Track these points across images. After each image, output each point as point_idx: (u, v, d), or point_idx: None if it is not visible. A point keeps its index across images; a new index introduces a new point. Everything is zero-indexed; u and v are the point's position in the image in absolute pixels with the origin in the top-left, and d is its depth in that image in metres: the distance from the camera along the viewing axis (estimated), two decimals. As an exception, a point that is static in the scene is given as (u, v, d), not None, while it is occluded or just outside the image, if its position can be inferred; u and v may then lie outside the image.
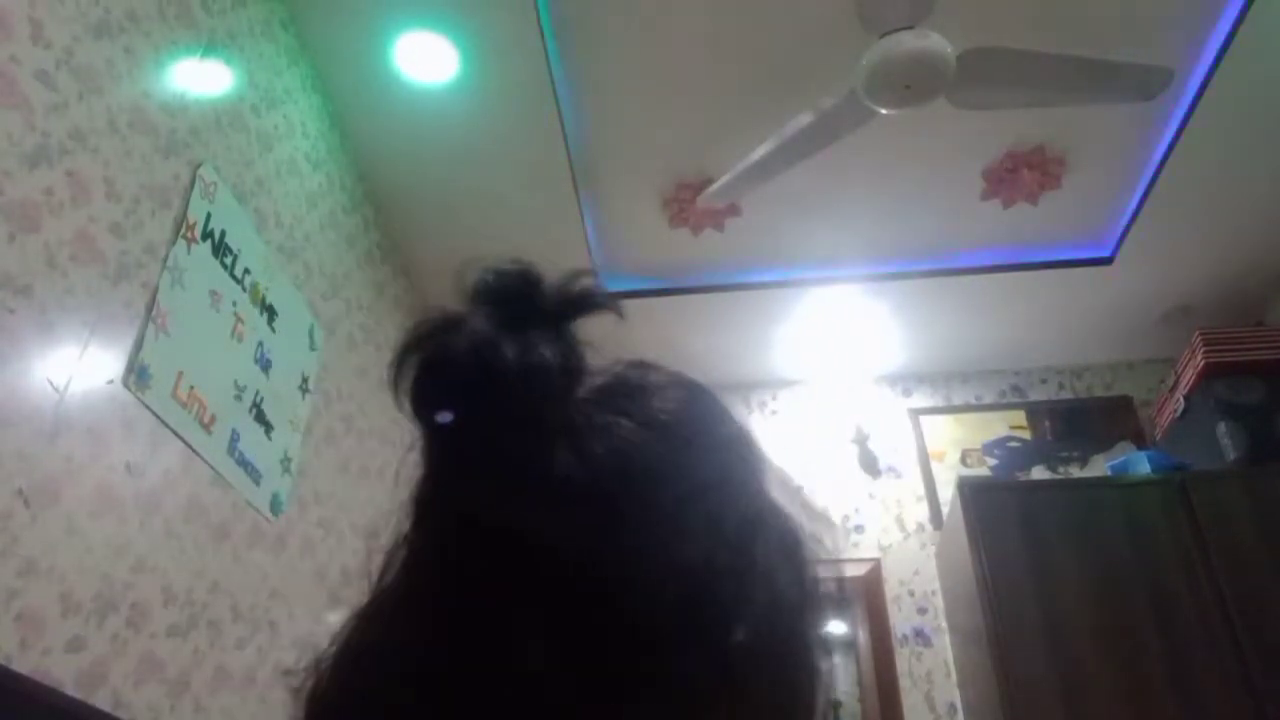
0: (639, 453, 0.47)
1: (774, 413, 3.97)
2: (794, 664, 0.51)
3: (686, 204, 3.03)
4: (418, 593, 0.48)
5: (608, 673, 0.43)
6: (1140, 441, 3.63)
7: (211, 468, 1.90)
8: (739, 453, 0.53)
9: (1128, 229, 3.14)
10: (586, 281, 0.51)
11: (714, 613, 0.46)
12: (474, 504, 0.46)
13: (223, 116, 2.09)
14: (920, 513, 3.66)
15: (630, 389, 0.52)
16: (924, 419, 3.86)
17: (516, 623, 0.44)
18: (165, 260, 1.79)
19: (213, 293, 1.96)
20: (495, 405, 0.46)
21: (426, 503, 0.49)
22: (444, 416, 0.47)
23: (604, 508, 0.45)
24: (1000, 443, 3.76)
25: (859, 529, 3.65)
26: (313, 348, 2.45)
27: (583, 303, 0.51)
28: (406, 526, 0.50)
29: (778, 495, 0.55)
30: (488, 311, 0.49)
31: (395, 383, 0.48)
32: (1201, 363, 3.18)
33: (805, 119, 2.34)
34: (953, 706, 3.24)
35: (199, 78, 2.00)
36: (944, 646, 3.37)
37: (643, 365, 0.54)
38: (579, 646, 0.43)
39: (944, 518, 3.52)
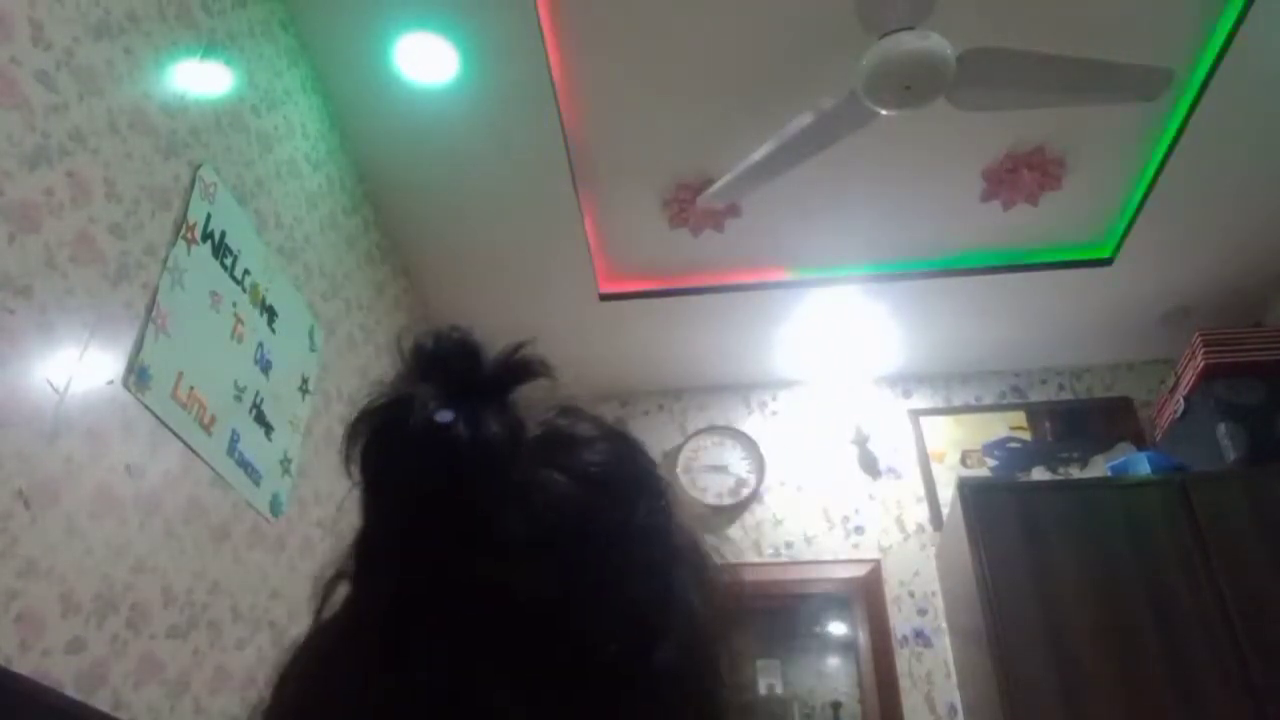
0: (576, 506, 0.52)
1: (774, 413, 3.97)
2: (711, 677, 0.56)
3: (686, 204, 3.03)
4: (364, 630, 0.52)
5: (554, 692, 0.48)
6: (1140, 442, 3.63)
7: (211, 468, 1.90)
8: (655, 493, 0.58)
9: (1128, 230, 3.14)
10: (524, 352, 0.55)
11: (643, 640, 0.51)
12: (426, 559, 0.50)
13: (223, 117, 2.09)
14: (920, 513, 3.66)
15: (562, 442, 0.56)
16: (924, 420, 3.86)
17: (478, 663, 0.48)
18: (165, 261, 1.79)
19: (213, 293, 1.96)
20: (449, 477, 0.50)
21: (374, 554, 0.54)
22: (412, 475, 0.51)
23: (547, 557, 0.50)
24: (1000, 443, 3.76)
25: (859, 530, 3.65)
26: (313, 348, 2.45)
27: (522, 372, 0.55)
28: (350, 568, 0.54)
29: (686, 526, 0.60)
30: (434, 387, 0.52)
31: (347, 454, 0.52)
32: (1201, 363, 3.18)
33: (805, 119, 2.34)
34: (953, 707, 3.24)
35: (199, 78, 2.00)
36: (944, 647, 3.37)
37: (570, 413, 0.58)
38: (533, 683, 0.48)
39: (944, 518, 3.52)
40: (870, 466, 3.79)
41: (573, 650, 0.49)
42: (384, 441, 0.51)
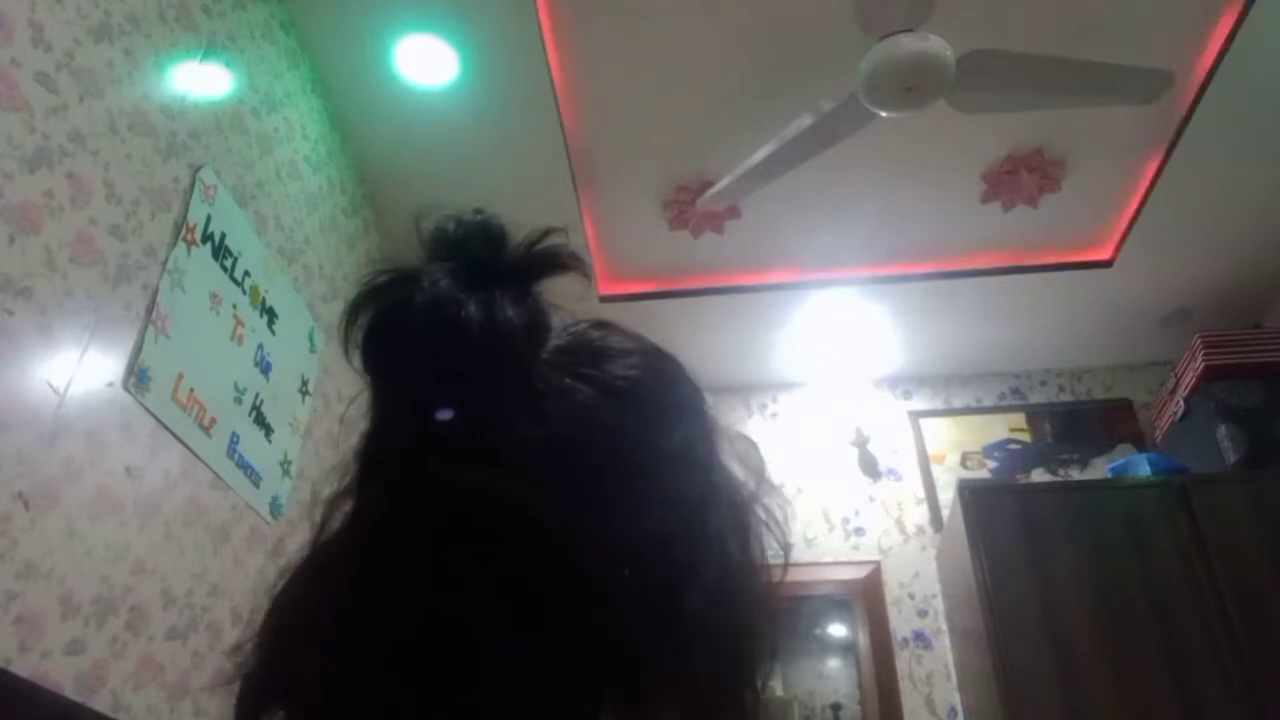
0: (598, 420, 0.47)
1: (774, 415, 3.97)
2: (742, 633, 0.51)
3: (686, 206, 3.03)
4: (366, 546, 0.47)
5: (556, 632, 0.43)
6: (1140, 444, 3.63)
7: (211, 470, 1.90)
8: (695, 422, 0.53)
9: (1127, 232, 3.14)
10: (553, 240, 0.50)
11: (665, 578, 0.46)
12: (429, 462, 0.45)
13: (223, 119, 2.09)
14: (920, 515, 3.66)
15: (592, 352, 0.51)
16: (924, 421, 3.86)
17: (468, 578, 0.43)
18: (165, 263, 1.79)
19: (213, 295, 1.96)
20: (456, 365, 0.44)
21: (375, 457, 0.48)
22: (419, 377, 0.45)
23: (563, 473, 0.44)
24: (1000, 445, 3.76)
25: (859, 531, 3.65)
26: (313, 350, 2.45)
27: (548, 263, 0.50)
28: (349, 480, 0.49)
29: (731, 462, 0.55)
30: (450, 267, 0.46)
31: (346, 335, 0.46)
32: (1201, 365, 3.18)
33: (805, 121, 2.35)
34: (953, 709, 3.24)
35: (199, 80, 2.00)
36: (944, 649, 3.37)
37: (604, 326, 0.54)
38: (529, 603, 0.43)
39: (944, 520, 3.52)
40: (870, 468, 3.79)
41: (574, 577, 0.44)
42: (387, 322, 0.46)
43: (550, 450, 0.45)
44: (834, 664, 4.08)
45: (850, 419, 3.86)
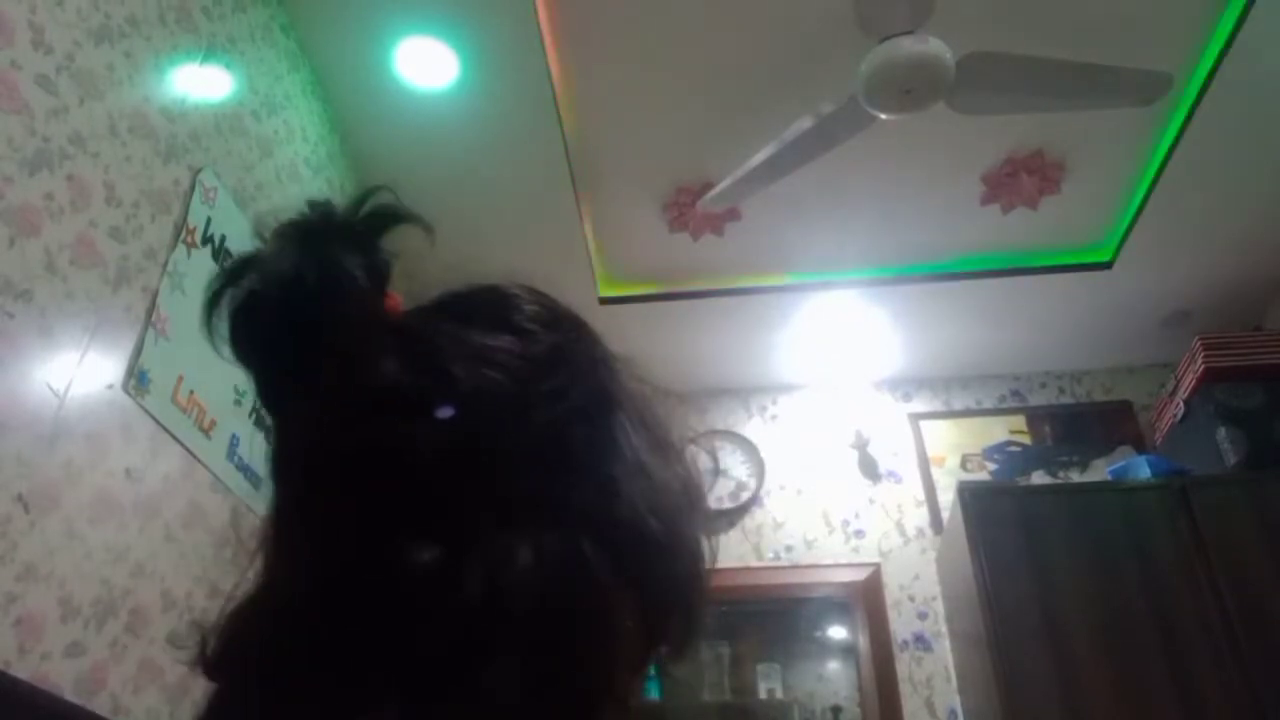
0: (458, 344, 0.48)
1: (774, 417, 3.97)
2: (680, 546, 0.51)
3: (686, 208, 3.03)
4: (290, 541, 0.48)
5: (477, 549, 0.43)
6: (1140, 446, 3.63)
7: (211, 473, 1.90)
8: (568, 331, 0.54)
9: (1127, 234, 3.14)
10: (382, 197, 0.52)
11: (587, 488, 0.47)
12: (313, 434, 0.46)
13: (223, 121, 2.09)
14: (920, 517, 3.66)
15: (452, 296, 0.53)
16: (924, 424, 3.86)
17: (382, 532, 0.44)
18: (165, 265, 1.79)
19: (213, 297, 1.95)
20: (309, 331, 0.46)
21: (278, 455, 0.49)
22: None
23: (434, 397, 0.45)
24: (1000, 447, 3.76)
25: (859, 534, 3.65)
26: (312, 352, 2.45)
27: (381, 219, 0.52)
28: (273, 496, 0.50)
29: (634, 387, 0.56)
30: (285, 244, 0.48)
31: (209, 330, 0.48)
32: (1201, 367, 3.18)
33: (805, 124, 2.35)
34: (953, 712, 3.24)
35: (199, 82, 2.00)
36: (944, 651, 3.36)
37: (480, 284, 0.55)
38: (444, 531, 0.43)
39: (944, 522, 3.52)
40: (870, 470, 3.79)
41: (486, 493, 0.45)
42: (239, 308, 0.48)
43: (419, 382, 0.45)
44: (834, 666, 4.07)
45: (850, 421, 3.86)
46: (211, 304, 0.48)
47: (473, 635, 0.43)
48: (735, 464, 3.83)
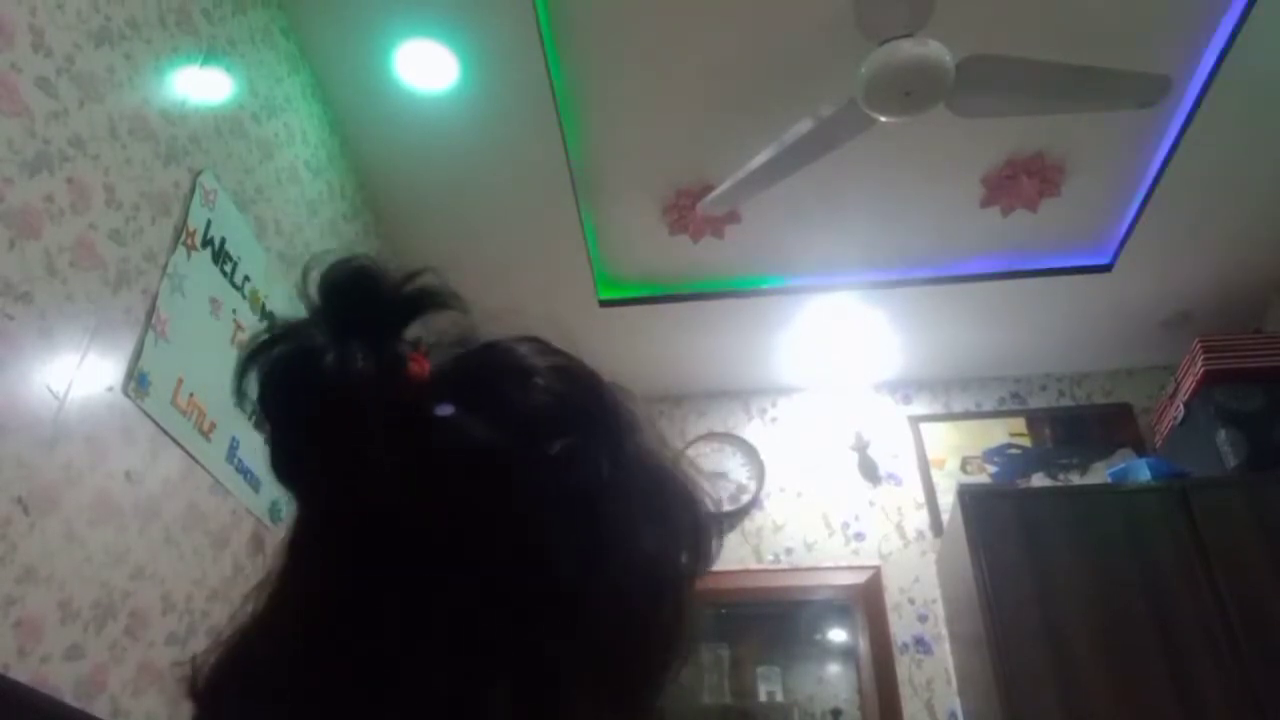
0: (461, 437, 0.51)
1: (774, 420, 3.97)
2: (651, 629, 0.55)
3: (686, 211, 3.03)
4: (288, 581, 0.54)
5: (458, 631, 0.48)
6: (1140, 449, 3.63)
7: (211, 475, 1.90)
8: (587, 431, 0.55)
9: (1127, 236, 3.14)
10: (425, 280, 0.54)
11: (561, 576, 0.51)
12: (315, 491, 0.52)
13: (223, 124, 2.09)
14: (920, 520, 3.66)
15: (462, 374, 0.55)
16: (924, 426, 3.86)
17: (373, 595, 0.49)
18: (165, 267, 1.79)
19: (213, 300, 1.96)
20: (318, 405, 0.50)
21: (297, 525, 0.55)
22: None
23: (429, 484, 0.49)
24: (1000, 450, 3.76)
25: (859, 536, 3.65)
26: (312, 355, 2.45)
27: (421, 302, 0.54)
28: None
29: (651, 448, 0.59)
30: (320, 316, 0.52)
31: (239, 395, 0.52)
32: (1201, 370, 3.17)
33: (805, 126, 2.35)
34: (953, 714, 3.24)
35: (199, 85, 2.00)
36: (944, 654, 3.36)
37: (495, 346, 0.58)
38: (426, 610, 0.48)
39: (944, 525, 3.52)
40: (870, 473, 3.79)
41: (457, 571, 0.49)
42: (266, 381, 0.51)
43: (419, 468, 0.50)
44: (834, 669, 4.07)
45: (850, 423, 3.86)
46: (243, 370, 0.52)
47: (459, 699, 0.47)
48: (735, 466, 3.83)
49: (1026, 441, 3.78)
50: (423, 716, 0.47)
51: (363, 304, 0.52)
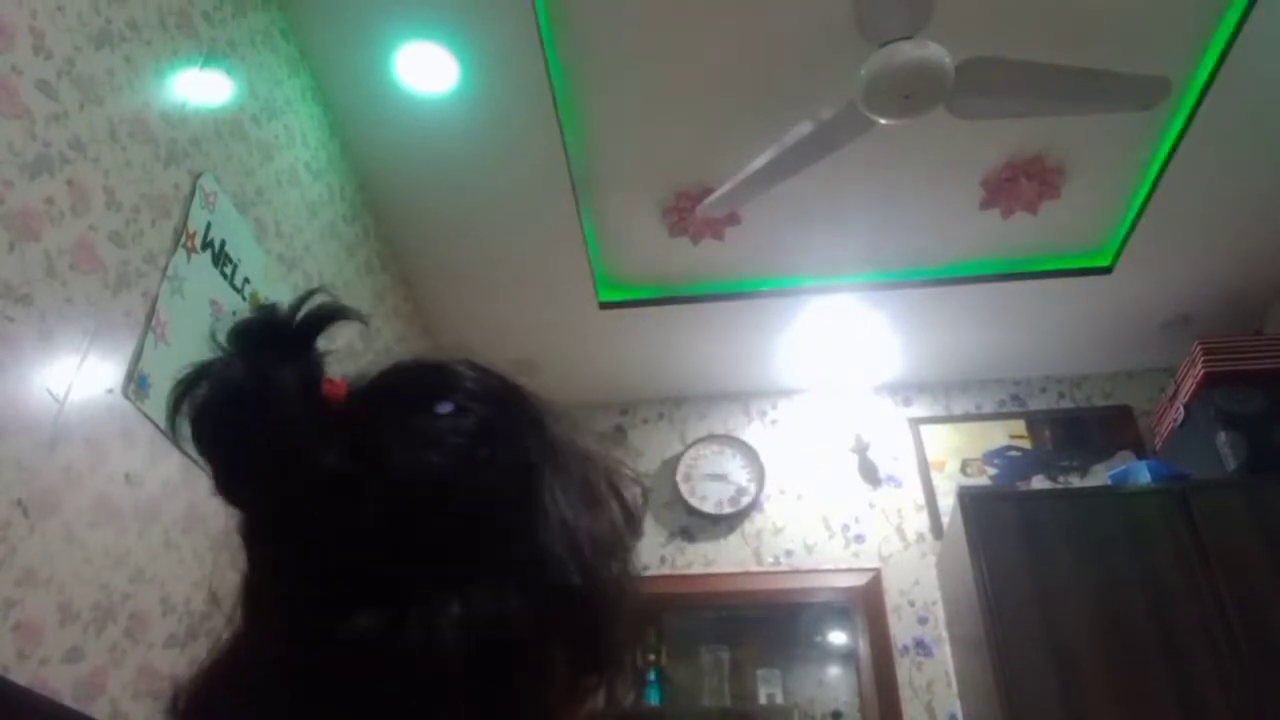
0: (380, 427, 0.54)
1: (774, 422, 3.97)
2: (602, 595, 0.57)
3: (686, 213, 3.03)
4: (255, 610, 0.57)
5: (414, 611, 0.50)
6: (1140, 451, 3.63)
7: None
8: (517, 413, 0.59)
9: (1127, 238, 3.14)
10: (317, 300, 0.58)
11: (513, 548, 0.53)
12: (269, 518, 0.54)
13: (223, 126, 2.09)
14: (920, 522, 3.66)
15: (396, 378, 0.59)
16: (924, 428, 3.86)
17: (328, 602, 0.50)
18: (165, 269, 1.79)
19: (213, 302, 1.96)
20: (250, 432, 0.52)
21: (243, 535, 0.57)
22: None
23: (384, 489, 0.52)
24: (1000, 452, 3.76)
25: (859, 539, 3.65)
26: (312, 357, 2.45)
27: (317, 321, 0.57)
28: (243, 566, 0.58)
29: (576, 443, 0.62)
30: (232, 352, 0.55)
31: (173, 429, 0.54)
32: (1201, 372, 3.17)
33: (805, 128, 2.35)
34: (954, 717, 3.23)
35: (199, 87, 2.00)
36: (945, 656, 3.36)
37: (408, 362, 0.61)
38: (384, 598, 0.50)
39: (944, 527, 3.52)
40: (870, 475, 3.78)
41: (420, 560, 0.51)
42: (194, 413, 0.54)
43: (351, 466, 0.52)
44: (834, 671, 4.07)
45: (850, 425, 3.86)
46: (174, 410, 0.54)
47: (420, 687, 0.49)
48: (735, 469, 3.82)
49: (1026, 444, 3.78)
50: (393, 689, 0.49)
51: (265, 332, 0.55)
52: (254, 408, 0.52)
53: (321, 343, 0.57)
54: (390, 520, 0.51)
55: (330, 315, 0.58)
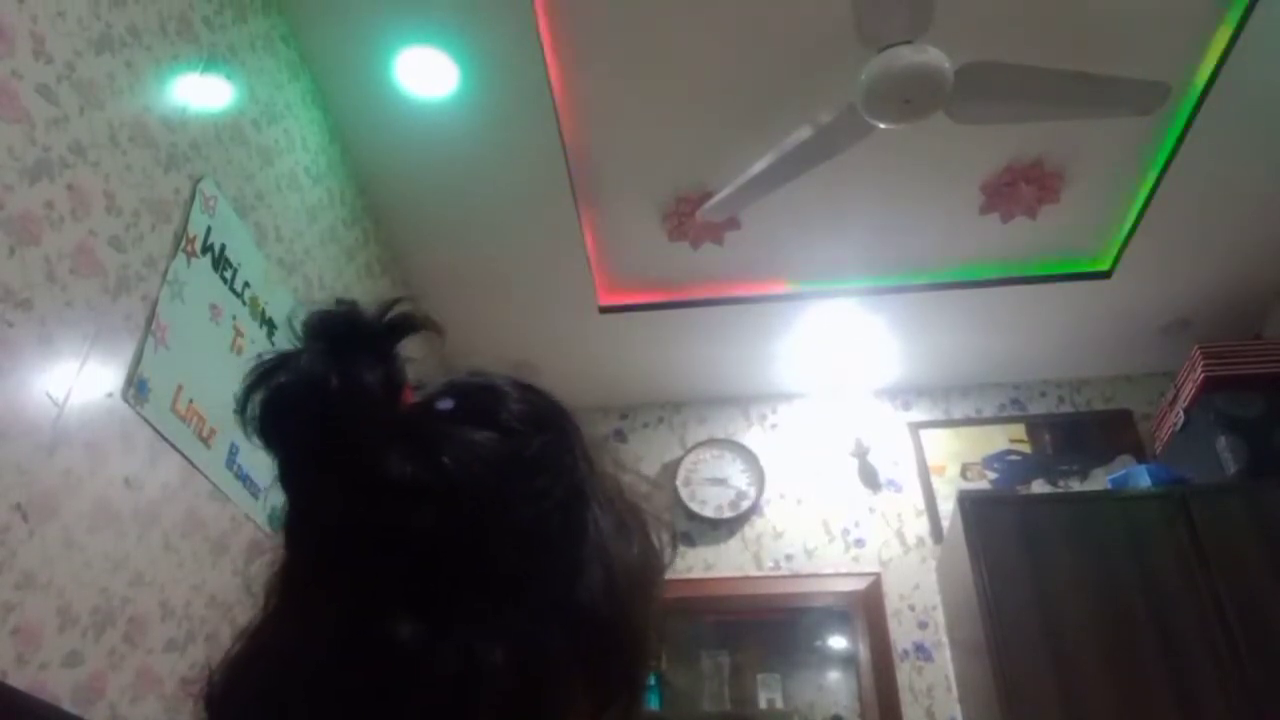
0: (457, 443, 0.54)
1: (774, 426, 3.97)
2: (626, 631, 0.58)
3: (686, 217, 3.03)
4: (295, 602, 0.56)
5: (455, 626, 0.50)
6: (1140, 455, 3.62)
7: (210, 482, 1.90)
8: (556, 433, 0.60)
9: (1126, 242, 3.14)
10: (403, 308, 0.58)
11: (555, 575, 0.54)
12: (325, 516, 0.54)
13: (223, 131, 2.10)
14: (920, 526, 3.65)
15: (455, 389, 0.59)
16: (924, 432, 3.86)
17: (374, 605, 0.51)
18: (165, 274, 1.79)
19: (212, 306, 1.96)
20: (328, 427, 0.53)
21: (291, 526, 0.57)
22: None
23: (434, 492, 0.52)
24: (1000, 456, 3.76)
25: (859, 543, 3.65)
26: (312, 361, 2.45)
27: (400, 328, 0.57)
28: (283, 555, 0.58)
29: (615, 485, 0.63)
30: (317, 346, 0.55)
31: (243, 421, 0.54)
32: (1201, 376, 3.17)
33: (804, 133, 2.35)
34: (954, 721, 3.23)
35: (200, 92, 2.01)
36: (945, 661, 3.36)
37: (478, 372, 0.62)
38: (432, 605, 0.50)
39: (944, 531, 3.52)
40: (870, 479, 3.78)
41: (469, 577, 0.52)
42: (269, 404, 0.54)
43: (421, 476, 0.52)
44: (834, 676, 4.06)
45: (850, 430, 3.86)
46: (247, 394, 0.54)
47: (451, 704, 0.49)
48: (735, 473, 3.82)
49: (1026, 448, 3.78)
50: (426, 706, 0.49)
51: (352, 332, 0.56)
52: (339, 404, 0.52)
53: (403, 349, 0.58)
54: (444, 535, 0.52)
55: (415, 324, 0.58)
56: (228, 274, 2.02)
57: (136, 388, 1.67)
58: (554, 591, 0.54)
